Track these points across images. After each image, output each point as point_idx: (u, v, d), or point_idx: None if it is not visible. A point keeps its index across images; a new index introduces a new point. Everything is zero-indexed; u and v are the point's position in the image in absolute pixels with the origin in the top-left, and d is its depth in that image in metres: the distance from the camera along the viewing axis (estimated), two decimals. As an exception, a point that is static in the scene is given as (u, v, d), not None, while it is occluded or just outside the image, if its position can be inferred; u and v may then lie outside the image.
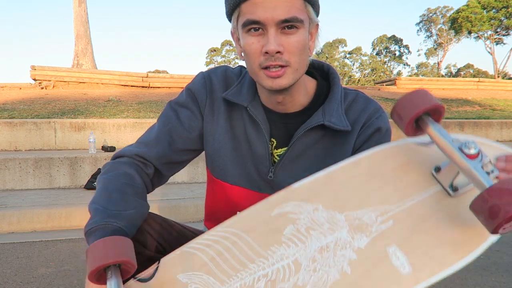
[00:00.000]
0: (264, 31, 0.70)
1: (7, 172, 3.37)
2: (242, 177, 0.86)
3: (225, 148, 0.86)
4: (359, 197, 0.62)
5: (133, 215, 0.74)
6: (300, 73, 0.75)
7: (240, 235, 0.63)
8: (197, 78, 0.89)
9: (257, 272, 0.59)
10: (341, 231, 0.59)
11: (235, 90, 0.84)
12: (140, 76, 7.77)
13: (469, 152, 0.53)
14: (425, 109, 0.55)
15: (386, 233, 0.58)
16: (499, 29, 26.24)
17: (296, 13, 0.69)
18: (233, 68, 0.91)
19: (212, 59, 42.90)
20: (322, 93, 0.84)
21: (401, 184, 0.62)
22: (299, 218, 0.62)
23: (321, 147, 0.82)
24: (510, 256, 2.10)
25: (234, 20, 0.75)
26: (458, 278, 1.82)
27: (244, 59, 0.76)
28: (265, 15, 0.68)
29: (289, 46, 0.70)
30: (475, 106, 7.90)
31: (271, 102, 0.82)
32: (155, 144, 0.86)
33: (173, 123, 0.87)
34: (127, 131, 4.46)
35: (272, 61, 0.70)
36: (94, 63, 10.53)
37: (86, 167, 3.52)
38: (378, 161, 0.66)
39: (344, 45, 42.99)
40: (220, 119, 0.86)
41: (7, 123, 4.18)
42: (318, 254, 0.58)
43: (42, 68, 7.25)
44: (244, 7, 0.71)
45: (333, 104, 0.81)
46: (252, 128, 0.84)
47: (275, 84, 0.73)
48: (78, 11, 10.30)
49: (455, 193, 0.60)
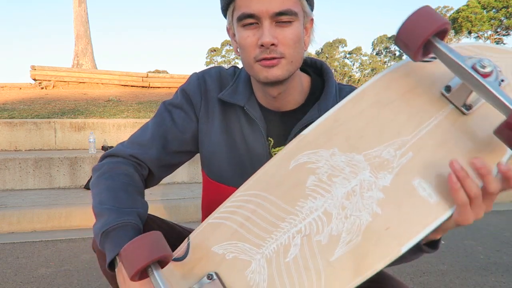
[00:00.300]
0: (259, 25, 0.71)
1: (7, 172, 3.37)
2: (239, 177, 0.85)
3: (221, 150, 0.86)
4: (373, 133, 0.60)
5: (142, 213, 0.75)
6: (295, 66, 0.75)
7: (262, 196, 0.62)
8: (191, 79, 0.89)
9: (291, 230, 0.59)
10: (363, 173, 0.58)
11: (230, 91, 0.84)
12: (140, 76, 7.77)
13: (483, 72, 0.50)
14: (432, 31, 0.51)
15: (408, 166, 0.57)
16: (499, 29, 26.23)
17: (290, 6, 0.70)
18: (227, 68, 0.91)
19: (212, 59, 42.90)
20: (317, 89, 0.84)
21: (413, 110, 0.60)
22: (318, 167, 0.60)
23: None
24: (510, 256, 2.10)
25: (229, 15, 0.76)
26: (458, 278, 1.82)
27: (240, 54, 0.77)
28: (260, 8, 0.69)
29: (284, 38, 0.71)
30: (475, 106, 7.89)
31: (267, 100, 0.82)
32: (149, 146, 0.85)
33: (167, 124, 0.87)
34: (127, 131, 4.46)
35: (267, 54, 0.71)
36: (94, 63, 10.53)
37: (86, 167, 3.52)
38: (384, 87, 0.62)
39: (344, 45, 42.99)
40: (216, 120, 0.86)
41: (7, 123, 4.18)
42: (346, 200, 0.58)
43: (42, 68, 7.25)
44: (239, 1, 0.72)
45: (328, 100, 0.81)
46: (249, 128, 0.83)
47: (270, 75, 0.73)
48: (78, 11, 10.30)
49: (469, 111, 0.58)
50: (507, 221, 2.83)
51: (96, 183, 0.80)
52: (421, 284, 1.76)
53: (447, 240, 2.39)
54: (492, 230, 2.61)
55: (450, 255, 2.13)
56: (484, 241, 2.37)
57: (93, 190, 0.79)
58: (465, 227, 2.64)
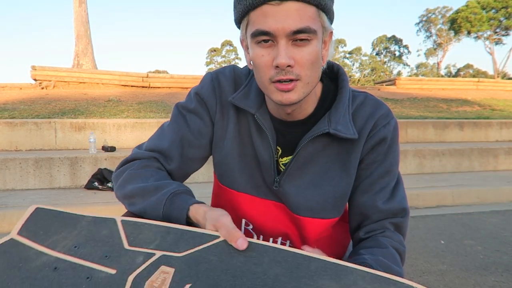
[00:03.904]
0: (275, 43, 0.66)
1: (7, 172, 3.37)
2: (248, 184, 0.84)
3: (233, 155, 0.84)
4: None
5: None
6: (311, 87, 0.71)
7: None
8: (205, 81, 0.85)
9: None
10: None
11: (242, 94, 0.80)
12: (140, 76, 7.77)
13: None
14: None
15: None
16: (499, 29, 26.25)
17: (309, 23, 0.64)
18: (241, 68, 0.88)
19: (212, 59, 42.88)
20: (328, 96, 0.80)
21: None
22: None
23: (327, 155, 0.79)
24: (510, 256, 2.11)
25: (243, 28, 0.71)
26: (458, 278, 1.83)
27: (253, 70, 0.73)
28: (276, 26, 0.64)
29: (301, 59, 0.66)
30: (474, 106, 7.90)
31: (279, 111, 0.79)
32: (170, 156, 0.84)
33: (183, 131, 0.84)
34: (127, 131, 4.47)
35: (282, 75, 0.66)
36: (94, 63, 10.54)
37: (87, 167, 3.52)
38: None
39: (344, 45, 42.99)
40: (230, 124, 0.83)
41: (8, 123, 4.18)
42: None
43: (43, 68, 7.26)
44: (253, 15, 0.66)
45: (340, 110, 0.76)
46: (258, 135, 0.81)
47: (284, 99, 0.69)
48: (79, 11, 10.31)
49: None
50: (507, 221, 2.83)
51: (125, 182, 0.79)
52: (421, 284, 1.76)
53: (447, 240, 2.40)
54: (492, 230, 2.61)
55: (450, 255, 2.14)
56: (483, 241, 2.37)
57: (126, 186, 0.78)
58: (465, 227, 2.64)
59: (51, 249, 0.60)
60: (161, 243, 0.59)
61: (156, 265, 0.56)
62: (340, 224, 0.92)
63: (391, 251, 0.75)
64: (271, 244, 0.58)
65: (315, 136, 0.76)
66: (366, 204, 0.80)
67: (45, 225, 0.64)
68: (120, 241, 0.60)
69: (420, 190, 3.47)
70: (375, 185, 0.80)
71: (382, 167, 0.79)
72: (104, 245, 0.59)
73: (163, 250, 0.58)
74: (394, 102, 7.58)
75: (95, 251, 0.59)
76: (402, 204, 0.80)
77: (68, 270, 0.56)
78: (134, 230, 0.61)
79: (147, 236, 0.60)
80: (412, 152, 4.44)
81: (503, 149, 4.76)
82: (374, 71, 40.95)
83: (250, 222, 0.87)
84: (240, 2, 0.68)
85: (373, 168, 0.80)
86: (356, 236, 0.83)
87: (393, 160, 0.80)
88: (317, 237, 0.85)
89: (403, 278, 0.53)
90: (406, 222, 0.81)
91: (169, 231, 0.61)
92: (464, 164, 4.62)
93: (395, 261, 0.74)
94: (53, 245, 0.60)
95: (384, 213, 0.79)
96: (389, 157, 0.80)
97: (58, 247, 0.60)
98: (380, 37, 43.91)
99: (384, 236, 0.78)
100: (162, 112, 5.54)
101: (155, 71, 35.37)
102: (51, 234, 0.62)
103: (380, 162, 0.79)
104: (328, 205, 0.81)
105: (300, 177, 0.80)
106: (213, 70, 0.86)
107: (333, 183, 0.80)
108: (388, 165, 0.80)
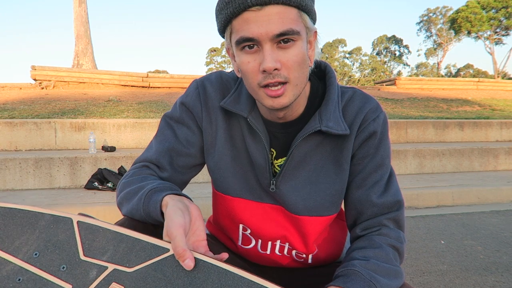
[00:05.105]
0: (259, 48, 0.66)
1: (7, 172, 3.37)
2: (243, 188, 0.84)
3: (225, 160, 0.84)
4: None
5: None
6: (300, 88, 0.71)
7: None
8: (190, 89, 0.86)
9: None
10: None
11: (233, 98, 0.81)
12: (140, 76, 7.77)
13: None
14: None
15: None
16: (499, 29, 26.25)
17: (291, 25, 0.65)
18: (229, 72, 0.87)
19: (212, 59, 42.87)
20: (317, 95, 0.81)
21: None
22: None
23: (321, 153, 0.80)
24: (509, 256, 2.11)
25: (227, 37, 0.72)
26: (458, 278, 1.82)
27: (242, 76, 0.73)
28: (259, 31, 0.64)
29: (288, 61, 0.66)
30: (475, 106, 7.90)
31: (270, 114, 0.79)
32: (160, 167, 0.85)
33: (170, 141, 0.85)
34: (127, 131, 4.47)
35: (270, 79, 0.67)
36: (94, 63, 10.54)
37: (87, 167, 3.52)
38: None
39: (344, 45, 42.99)
40: (219, 129, 0.83)
41: (8, 123, 4.18)
42: None
43: (43, 68, 7.26)
44: (236, 23, 0.67)
45: (330, 107, 0.77)
46: (251, 138, 0.81)
47: (276, 104, 0.69)
48: (78, 11, 10.31)
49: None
50: (507, 221, 2.83)
51: (118, 191, 0.82)
52: (421, 284, 1.77)
53: (447, 240, 2.40)
54: (492, 230, 2.61)
55: (450, 255, 2.14)
56: (484, 241, 2.37)
57: (119, 194, 0.81)
58: (465, 227, 2.64)
59: (15, 257, 0.63)
60: (114, 255, 0.62)
61: (108, 281, 0.60)
62: (336, 221, 0.93)
63: (385, 250, 0.75)
64: (219, 264, 0.60)
65: (307, 135, 0.77)
66: (361, 199, 0.81)
67: (7, 229, 0.65)
68: (76, 249, 0.63)
69: (420, 190, 3.47)
70: (368, 180, 0.80)
71: (374, 161, 0.80)
72: (61, 252, 0.63)
73: (115, 263, 0.61)
74: (394, 102, 7.58)
75: (53, 260, 0.62)
76: (396, 196, 0.81)
77: (30, 282, 0.61)
78: (89, 235, 0.64)
79: (101, 244, 0.63)
80: (412, 152, 4.44)
81: (503, 149, 4.76)
82: (374, 71, 40.96)
83: (247, 227, 0.87)
84: (222, 12, 0.68)
85: (365, 162, 0.80)
86: (353, 233, 0.84)
87: (385, 153, 0.81)
88: (316, 237, 0.86)
89: None
90: (402, 215, 0.82)
91: (122, 239, 0.63)
92: (464, 164, 4.62)
93: (388, 260, 0.74)
94: (16, 252, 0.63)
95: (379, 207, 0.80)
96: (381, 151, 0.80)
97: (20, 253, 0.63)
98: (380, 37, 43.93)
99: (380, 235, 0.79)
100: (162, 112, 5.54)
101: (155, 71, 35.38)
102: (14, 238, 0.64)
103: (372, 156, 0.80)
104: (326, 203, 0.81)
105: (296, 176, 0.80)
106: (199, 78, 0.87)
107: (329, 180, 0.80)
108: (380, 158, 0.80)
